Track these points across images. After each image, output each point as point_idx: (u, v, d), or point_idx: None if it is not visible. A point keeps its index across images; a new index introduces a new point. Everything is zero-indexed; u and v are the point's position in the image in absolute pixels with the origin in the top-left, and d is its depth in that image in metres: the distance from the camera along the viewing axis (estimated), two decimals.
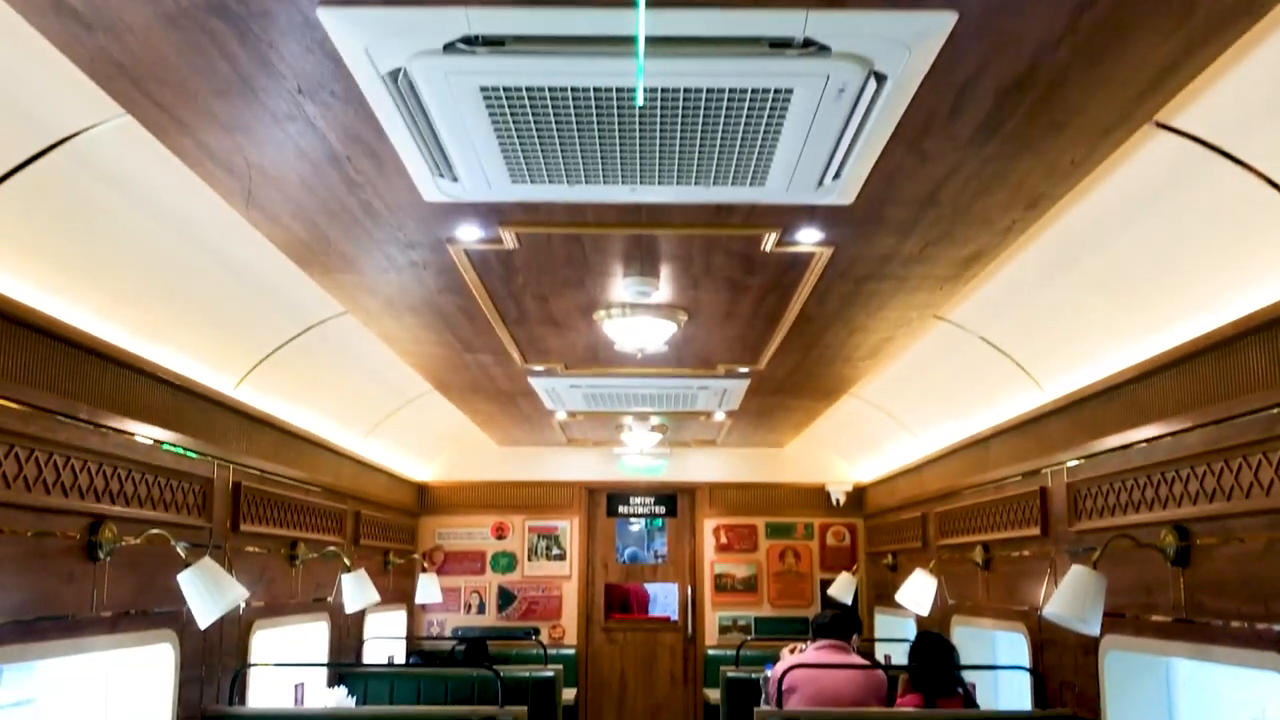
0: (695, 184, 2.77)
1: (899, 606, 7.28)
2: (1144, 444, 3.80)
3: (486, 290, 3.97)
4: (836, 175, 2.74)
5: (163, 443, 3.96)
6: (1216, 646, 3.32)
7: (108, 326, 3.53)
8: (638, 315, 4.20)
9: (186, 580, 3.61)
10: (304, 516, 5.53)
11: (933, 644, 4.90)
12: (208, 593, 3.59)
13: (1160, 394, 3.71)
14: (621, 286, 3.90)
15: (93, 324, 3.44)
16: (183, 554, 3.67)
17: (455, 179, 2.79)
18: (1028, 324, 4.36)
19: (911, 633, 7.02)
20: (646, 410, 6.75)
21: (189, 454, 4.18)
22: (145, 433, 3.81)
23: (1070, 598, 3.57)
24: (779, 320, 4.39)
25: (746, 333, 4.62)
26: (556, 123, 2.41)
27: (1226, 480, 3.29)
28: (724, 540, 8.66)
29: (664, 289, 3.96)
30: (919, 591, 5.84)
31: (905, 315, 4.31)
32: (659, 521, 9.36)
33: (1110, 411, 4.08)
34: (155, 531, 3.71)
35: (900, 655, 6.85)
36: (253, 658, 4.80)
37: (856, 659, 5.21)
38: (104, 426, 3.53)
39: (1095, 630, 3.60)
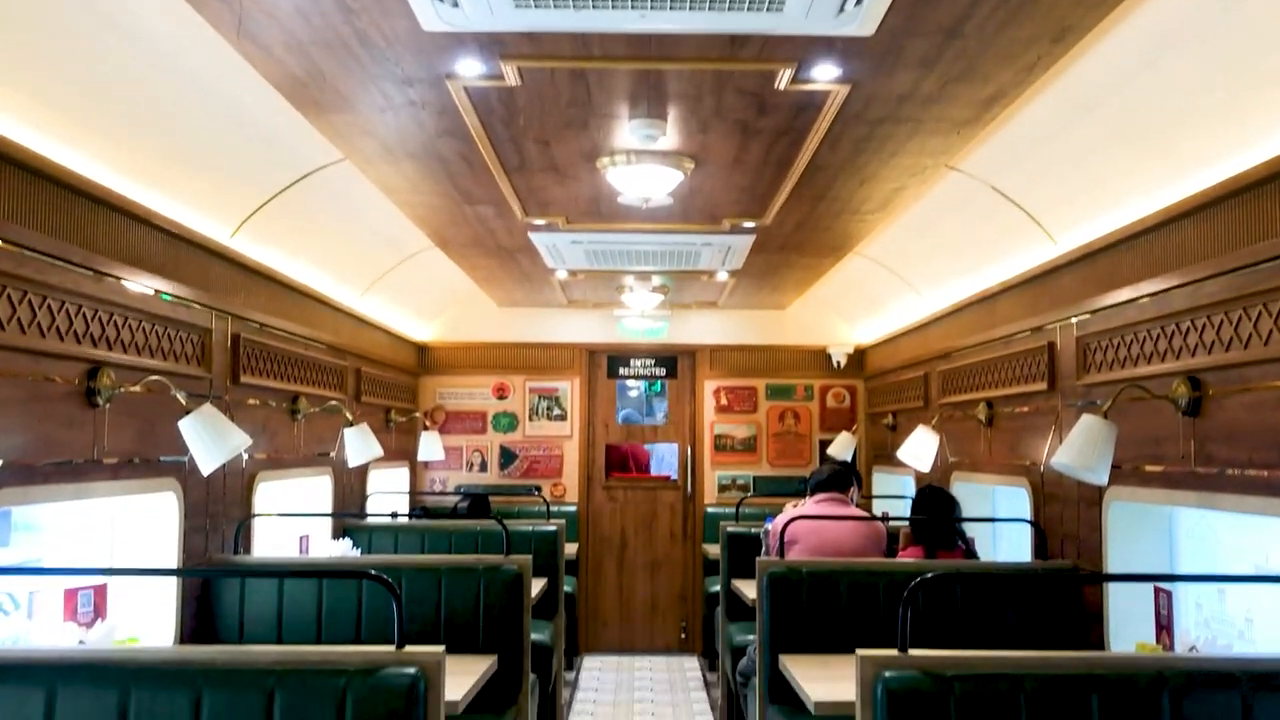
0: (710, 9, 2.63)
1: (897, 465, 7.34)
2: (1159, 294, 3.73)
3: (487, 133, 3.84)
4: (859, 0, 2.60)
5: (160, 292, 3.88)
6: (1225, 495, 3.31)
7: (97, 168, 3.41)
8: (643, 162, 4.07)
9: (188, 426, 3.58)
10: (304, 371, 5.49)
11: (935, 498, 4.93)
12: (209, 439, 3.56)
13: (1178, 242, 3.62)
14: (627, 130, 3.77)
15: (81, 164, 3.32)
16: (183, 401, 3.64)
17: (455, 3, 2.65)
18: (1043, 174, 4.24)
19: (909, 490, 7.09)
20: (648, 269, 6.67)
21: (186, 302, 4.10)
22: (141, 280, 3.73)
23: (1079, 448, 3.55)
24: (788, 169, 4.27)
25: (754, 183, 4.50)
26: None
27: (1244, 328, 3.23)
28: (724, 402, 8.67)
29: (671, 133, 3.83)
30: (920, 448, 5.85)
31: (919, 163, 4.19)
32: (657, 386, 9.36)
33: (1125, 262, 4.00)
34: (154, 378, 3.67)
35: (898, 512, 6.92)
36: (256, 510, 4.82)
37: (857, 511, 5.25)
38: (98, 272, 3.45)
39: (1103, 480, 3.60)
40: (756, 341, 8.66)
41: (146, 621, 3.94)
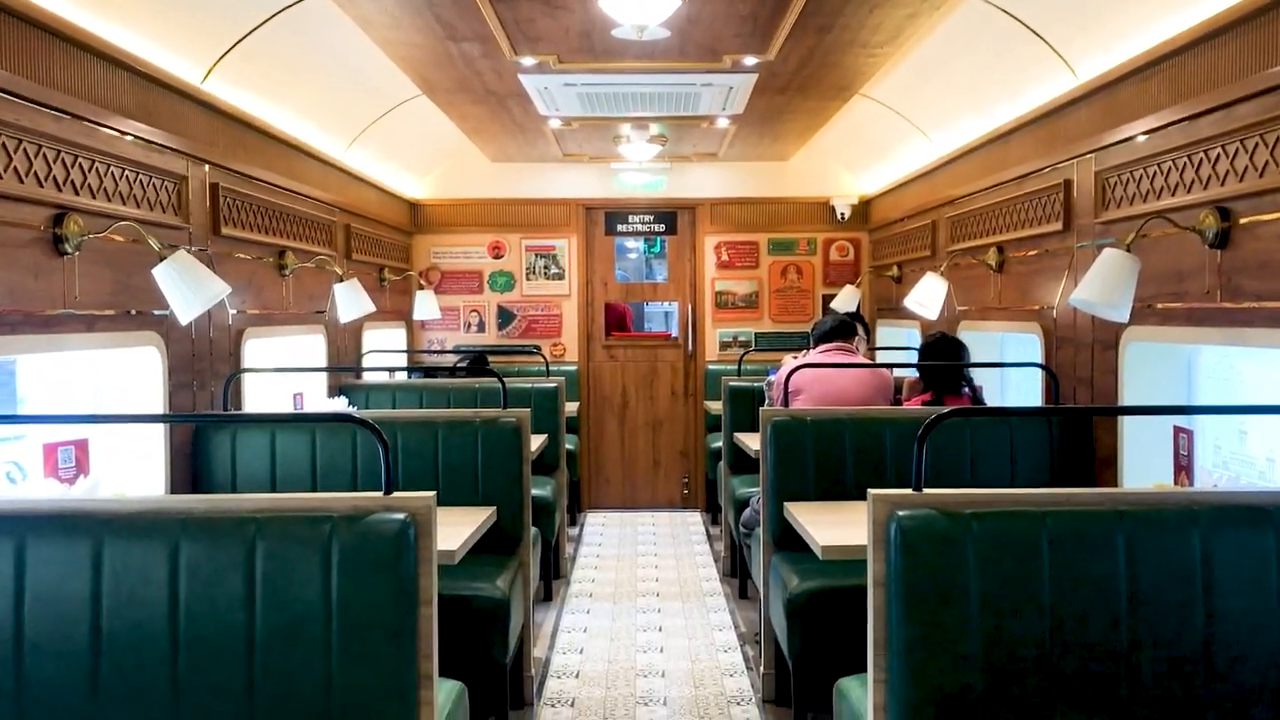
0: None
1: (902, 318, 7.20)
2: (1187, 120, 3.51)
3: None
4: None
5: (127, 133, 3.65)
6: (1254, 329, 3.16)
7: None
8: None
9: (162, 274, 3.41)
10: (291, 225, 5.29)
11: (945, 345, 4.77)
12: (186, 287, 3.39)
13: (1209, 64, 3.39)
14: None
15: None
16: (157, 248, 3.45)
17: None
18: None
19: (914, 342, 6.96)
20: (646, 115, 6.39)
21: (159, 147, 3.88)
22: (106, 121, 3.50)
23: (1100, 283, 3.38)
24: None
25: (756, 10, 4.21)
26: None
27: None
28: (725, 258, 8.48)
29: None
30: (928, 295, 5.67)
31: None
32: (657, 247, 9.15)
33: (1149, 90, 3.76)
34: (124, 224, 3.48)
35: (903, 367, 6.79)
36: (246, 367, 4.69)
37: (863, 360, 5.11)
38: (57, 110, 3.22)
39: (1124, 316, 3.44)
40: (758, 194, 8.41)
41: (133, 479, 3.84)
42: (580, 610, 5.70)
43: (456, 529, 3.33)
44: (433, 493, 2.35)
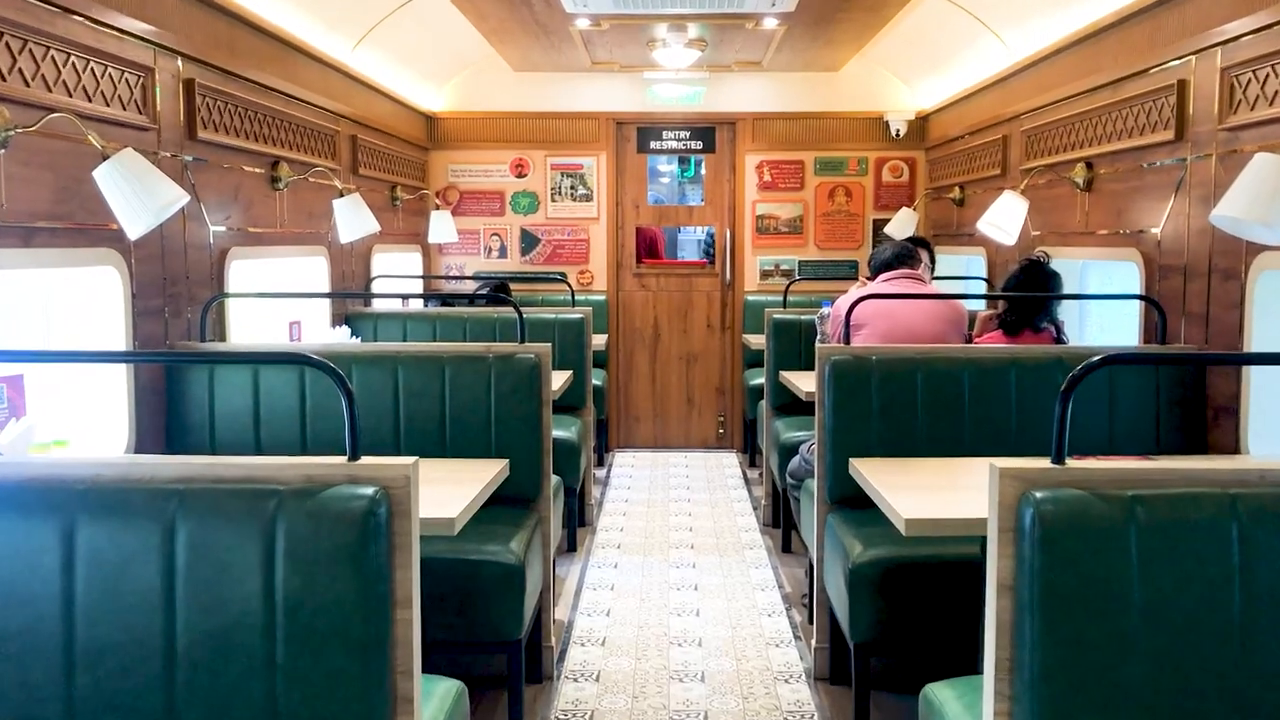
0: None
1: (962, 244, 6.56)
2: None
3: None
4: None
5: (71, 10, 3.06)
6: None
7: None
8: None
9: (105, 176, 2.83)
10: (285, 133, 4.69)
11: (1035, 276, 4.14)
12: (134, 193, 2.82)
13: None
14: None
15: None
16: (98, 145, 2.87)
17: None
18: None
19: (977, 270, 6.32)
20: (683, 13, 5.71)
21: (114, 32, 3.28)
22: None
23: (1251, 196, 2.75)
24: None
25: None
26: None
27: None
28: (767, 178, 7.80)
29: None
30: (1006, 216, 4.98)
31: None
32: (690, 172, 8.48)
33: None
34: (59, 115, 2.89)
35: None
36: (231, 291, 4.13)
37: (935, 290, 4.49)
38: None
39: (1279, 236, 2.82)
40: (805, 109, 7.70)
41: (88, 426, 3.30)
42: (607, 564, 5.17)
43: (460, 488, 2.78)
44: (412, 459, 1.78)
